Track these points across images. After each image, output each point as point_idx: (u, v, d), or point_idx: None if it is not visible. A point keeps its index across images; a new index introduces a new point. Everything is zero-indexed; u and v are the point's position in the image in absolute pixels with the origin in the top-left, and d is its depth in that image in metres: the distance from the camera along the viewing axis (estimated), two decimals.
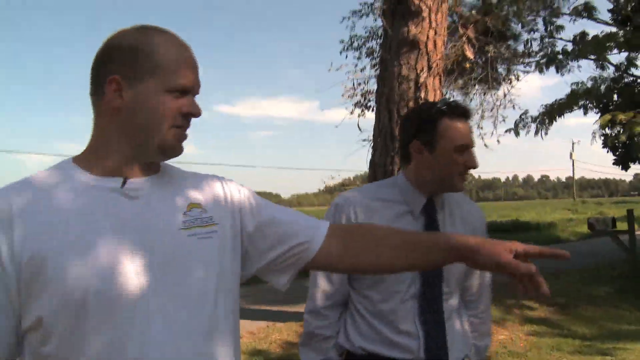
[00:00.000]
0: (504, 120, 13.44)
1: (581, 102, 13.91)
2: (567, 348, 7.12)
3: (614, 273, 13.10)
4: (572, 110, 14.08)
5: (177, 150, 1.31)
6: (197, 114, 1.30)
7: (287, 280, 1.45)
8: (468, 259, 1.35)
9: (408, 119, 2.24)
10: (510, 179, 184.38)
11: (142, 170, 1.31)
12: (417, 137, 2.10)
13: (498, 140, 11.22)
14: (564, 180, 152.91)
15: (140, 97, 1.25)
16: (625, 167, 15.11)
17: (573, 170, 77.45)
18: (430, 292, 2.09)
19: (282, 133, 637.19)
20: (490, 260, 1.30)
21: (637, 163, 15.44)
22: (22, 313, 1.19)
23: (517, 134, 12.91)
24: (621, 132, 10.78)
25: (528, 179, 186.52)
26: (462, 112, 2.10)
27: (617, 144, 14.15)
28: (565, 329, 8.35)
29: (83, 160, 1.30)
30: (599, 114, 13.24)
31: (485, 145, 10.45)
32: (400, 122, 1.97)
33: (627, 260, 13.04)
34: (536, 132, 12.69)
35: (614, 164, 15.16)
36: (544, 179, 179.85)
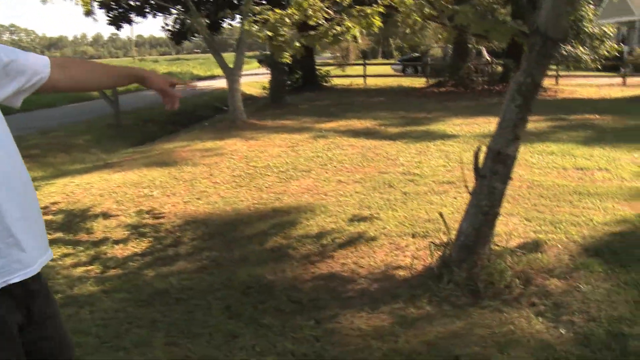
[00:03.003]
0: None
1: None
2: None
3: (102, 124, 14.74)
4: None
5: None
6: None
7: (21, 101, 1.84)
8: (144, 82, 2.08)
9: None
10: (79, 37, 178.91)
11: None
12: None
13: None
14: (134, 38, 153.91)
15: None
16: (118, 27, 16.58)
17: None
18: None
19: None
20: (157, 86, 2.06)
21: (131, 24, 17.06)
22: None
23: None
24: None
25: (98, 38, 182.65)
26: None
27: (111, 5, 15.20)
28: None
29: None
30: None
31: None
32: None
33: (113, 114, 14.80)
34: None
35: (108, 24, 16.45)
36: (114, 37, 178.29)
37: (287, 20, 5.50)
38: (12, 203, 1.67)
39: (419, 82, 24.97)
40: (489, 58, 25.31)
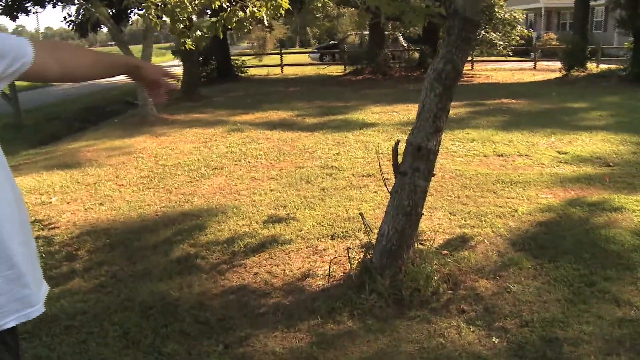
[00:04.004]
0: None
1: None
2: None
3: (0, 123, 13.71)
4: None
5: None
6: None
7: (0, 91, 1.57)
8: (134, 73, 1.82)
9: None
10: None
11: None
12: None
13: None
14: (43, 31, 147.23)
15: None
16: (13, 17, 15.36)
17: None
18: None
19: None
20: (153, 76, 1.82)
21: (28, 14, 15.93)
22: None
23: None
24: None
25: (0, 29, 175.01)
26: None
27: None
28: None
29: None
30: None
31: None
32: None
33: (13, 113, 13.79)
34: None
35: (0, 14, 15.18)
36: (20, 29, 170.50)
37: (187, 4, 5.00)
38: (11, 224, 1.41)
39: (336, 70, 24.75)
40: (405, 44, 25.43)
